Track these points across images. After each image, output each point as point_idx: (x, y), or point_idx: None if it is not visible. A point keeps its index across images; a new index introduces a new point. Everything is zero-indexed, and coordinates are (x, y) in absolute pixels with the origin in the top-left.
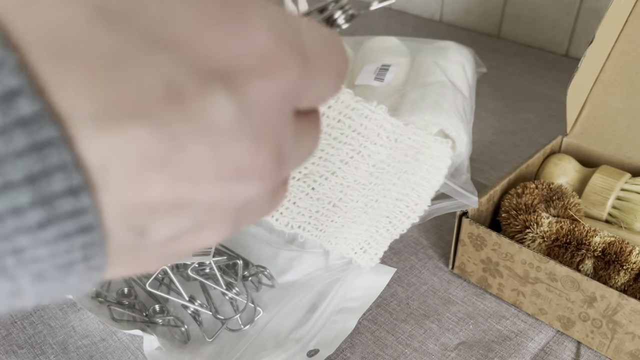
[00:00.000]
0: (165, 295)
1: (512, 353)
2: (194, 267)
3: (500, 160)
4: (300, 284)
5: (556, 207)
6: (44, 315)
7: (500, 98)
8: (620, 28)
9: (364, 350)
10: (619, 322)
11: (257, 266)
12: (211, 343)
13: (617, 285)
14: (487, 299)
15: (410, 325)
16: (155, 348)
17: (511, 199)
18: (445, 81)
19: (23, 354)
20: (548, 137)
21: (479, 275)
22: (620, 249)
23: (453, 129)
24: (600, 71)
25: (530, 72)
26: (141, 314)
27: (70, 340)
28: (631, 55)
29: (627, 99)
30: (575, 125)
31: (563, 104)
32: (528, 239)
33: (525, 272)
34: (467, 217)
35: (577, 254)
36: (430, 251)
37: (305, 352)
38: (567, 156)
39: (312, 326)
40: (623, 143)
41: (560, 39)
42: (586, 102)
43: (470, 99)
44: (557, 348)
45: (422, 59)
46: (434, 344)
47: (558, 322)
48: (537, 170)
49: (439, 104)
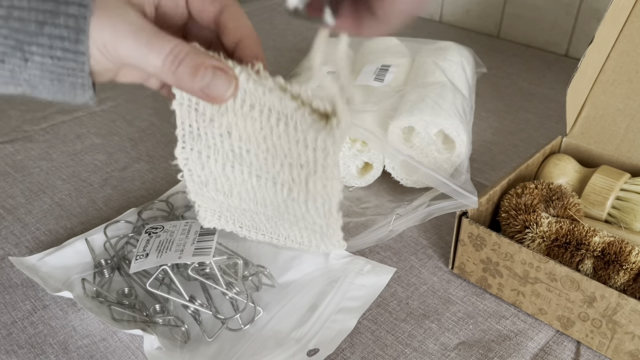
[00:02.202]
0: (166, 295)
1: (511, 353)
2: (194, 267)
3: (499, 160)
4: (300, 283)
5: (556, 207)
6: (45, 315)
7: (500, 98)
8: (620, 28)
9: (363, 350)
10: (618, 322)
11: (257, 266)
12: (211, 343)
13: (616, 285)
14: (487, 299)
15: (410, 325)
16: (156, 348)
17: (511, 199)
18: (445, 81)
19: (23, 354)
20: (548, 137)
21: (478, 275)
22: (619, 248)
23: (453, 129)
24: (600, 71)
25: (530, 72)
26: (141, 314)
27: (70, 340)
28: (631, 55)
29: (626, 99)
30: (575, 126)
31: (563, 104)
32: (528, 239)
33: (525, 272)
34: (466, 217)
35: (576, 254)
36: (430, 251)
37: (305, 352)
38: (566, 156)
39: (312, 326)
40: (622, 143)
41: (560, 39)
42: (586, 102)
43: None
44: (556, 348)
45: (422, 59)
46: (434, 344)
47: (558, 322)
48: (536, 171)
49: (439, 104)
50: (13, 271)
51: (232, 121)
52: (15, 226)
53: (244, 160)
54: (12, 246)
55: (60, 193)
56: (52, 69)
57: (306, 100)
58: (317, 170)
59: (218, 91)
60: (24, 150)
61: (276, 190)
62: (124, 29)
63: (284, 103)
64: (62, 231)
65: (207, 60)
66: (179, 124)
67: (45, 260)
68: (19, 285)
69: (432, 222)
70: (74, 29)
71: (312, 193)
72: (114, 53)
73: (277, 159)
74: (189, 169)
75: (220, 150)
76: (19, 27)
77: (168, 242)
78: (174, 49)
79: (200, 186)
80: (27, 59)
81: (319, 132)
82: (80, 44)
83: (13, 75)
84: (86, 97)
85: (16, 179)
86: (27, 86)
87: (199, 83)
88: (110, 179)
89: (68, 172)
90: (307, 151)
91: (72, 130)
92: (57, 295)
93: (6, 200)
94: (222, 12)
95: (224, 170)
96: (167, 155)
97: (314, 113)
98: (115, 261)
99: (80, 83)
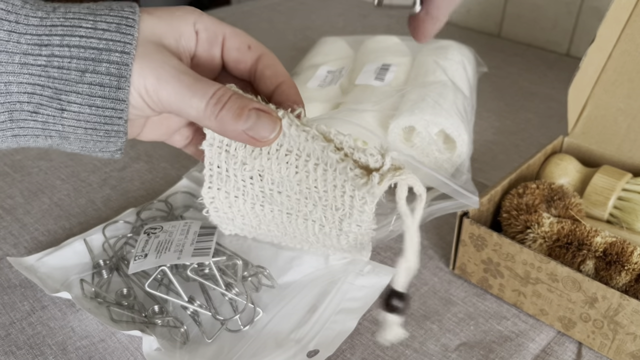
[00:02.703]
0: (165, 296)
1: (512, 354)
2: (193, 268)
3: (501, 160)
4: (300, 284)
5: (557, 207)
6: (43, 316)
7: (501, 98)
8: (622, 27)
9: (364, 351)
10: (620, 322)
11: (256, 266)
12: (211, 344)
13: (618, 286)
14: (488, 300)
15: (410, 326)
16: (155, 349)
17: (512, 199)
18: (446, 81)
19: (22, 355)
20: (549, 137)
21: (479, 276)
22: (621, 249)
23: (454, 129)
24: (602, 71)
25: (531, 71)
26: (140, 315)
27: (69, 341)
28: (632, 55)
29: (628, 99)
30: (577, 125)
31: (564, 103)
32: (529, 239)
33: (526, 273)
34: (467, 218)
35: (578, 254)
36: (430, 251)
37: (305, 353)
38: (568, 156)
39: (312, 327)
40: (624, 143)
41: (561, 39)
42: (587, 102)
43: (471, 98)
44: (558, 349)
45: (423, 58)
46: (435, 345)
47: (559, 323)
48: (538, 170)
49: (440, 103)
50: (11, 272)
51: (266, 165)
52: (14, 226)
53: (274, 201)
54: (10, 246)
55: (59, 193)
56: (89, 118)
57: (349, 153)
58: (353, 214)
59: (263, 133)
60: (23, 150)
61: (307, 225)
62: (167, 73)
63: (327, 152)
64: (60, 231)
65: (250, 103)
66: (206, 164)
67: (43, 260)
68: (17, 286)
69: (433, 223)
70: (116, 76)
71: (344, 231)
72: (155, 98)
73: (310, 200)
74: (215, 207)
75: (250, 192)
76: (59, 76)
77: (167, 242)
78: (217, 92)
79: (227, 221)
80: (64, 108)
81: (359, 189)
82: (121, 92)
83: (45, 126)
84: (118, 144)
85: (15, 179)
86: (57, 138)
87: (243, 125)
88: (109, 179)
89: (67, 172)
90: (344, 197)
91: None
92: (55, 296)
93: (5, 200)
94: (258, 61)
95: (254, 208)
96: (166, 155)
97: (356, 165)
98: (114, 262)
99: (116, 130)
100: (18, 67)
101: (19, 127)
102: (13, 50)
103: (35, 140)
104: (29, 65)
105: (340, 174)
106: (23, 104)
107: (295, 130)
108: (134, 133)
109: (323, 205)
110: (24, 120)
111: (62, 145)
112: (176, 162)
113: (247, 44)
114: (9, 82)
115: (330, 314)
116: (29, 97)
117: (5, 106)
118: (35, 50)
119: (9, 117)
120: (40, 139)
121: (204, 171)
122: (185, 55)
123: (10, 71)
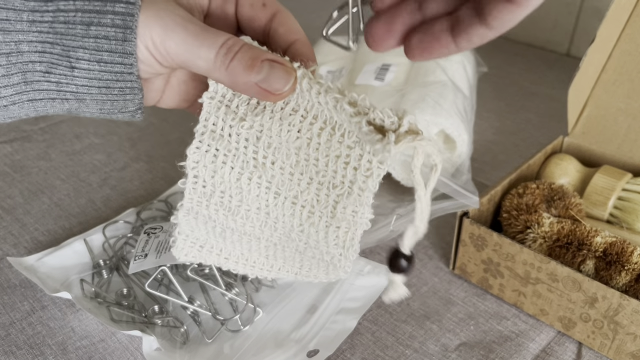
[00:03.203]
0: (165, 296)
1: (513, 354)
2: (193, 268)
3: (501, 160)
4: (300, 284)
5: (557, 207)
6: (43, 316)
7: (501, 98)
8: (622, 27)
9: (364, 351)
10: (620, 322)
11: None
12: (210, 344)
13: (618, 286)
14: (488, 300)
15: (410, 326)
16: (155, 349)
17: (512, 199)
18: (446, 80)
19: (22, 355)
20: (549, 137)
21: (479, 276)
22: (621, 249)
23: (454, 129)
24: (602, 71)
25: (531, 71)
26: (140, 315)
27: (69, 341)
28: (632, 54)
29: (628, 99)
30: (577, 125)
31: (564, 103)
32: (529, 239)
33: (526, 273)
34: (468, 218)
35: (578, 254)
36: (430, 251)
37: (305, 353)
38: (568, 156)
39: (312, 327)
40: (624, 143)
41: (561, 39)
42: (587, 102)
43: (471, 98)
44: (558, 349)
45: None
46: (435, 345)
47: (559, 323)
48: (538, 170)
49: (440, 103)
50: (11, 272)
51: (266, 124)
52: (14, 226)
53: (265, 172)
54: (10, 246)
55: (59, 193)
56: (99, 75)
57: (363, 110)
58: (353, 192)
59: (276, 85)
60: (23, 150)
61: (294, 211)
62: (173, 22)
63: (340, 106)
64: (60, 231)
65: (263, 54)
66: (201, 119)
67: (43, 260)
68: (17, 286)
69: (433, 223)
70: (121, 27)
71: (337, 218)
72: (162, 50)
73: (306, 174)
74: (195, 174)
75: (241, 157)
76: (65, 31)
77: (167, 242)
78: (227, 42)
79: (202, 198)
80: (74, 66)
81: (374, 144)
82: (128, 44)
83: (59, 87)
84: (136, 102)
85: (15, 179)
86: (74, 101)
87: (255, 77)
88: (109, 179)
89: (67, 172)
90: (347, 169)
91: (71, 129)
92: (55, 296)
93: (5, 200)
94: (273, 18)
95: (239, 181)
96: (166, 155)
97: (370, 125)
98: (114, 262)
99: (130, 87)
100: (27, 25)
101: (34, 90)
102: (21, 8)
103: (52, 104)
104: (37, 22)
105: (347, 138)
106: (35, 64)
107: (307, 84)
108: (154, 99)
109: (319, 182)
110: (37, 82)
111: (80, 109)
112: (176, 162)
113: (261, 1)
114: (19, 41)
115: (330, 314)
116: (40, 56)
117: (18, 67)
118: (42, 6)
119: (22, 79)
120: (57, 102)
121: (196, 127)
122: (197, 11)
123: (20, 29)
